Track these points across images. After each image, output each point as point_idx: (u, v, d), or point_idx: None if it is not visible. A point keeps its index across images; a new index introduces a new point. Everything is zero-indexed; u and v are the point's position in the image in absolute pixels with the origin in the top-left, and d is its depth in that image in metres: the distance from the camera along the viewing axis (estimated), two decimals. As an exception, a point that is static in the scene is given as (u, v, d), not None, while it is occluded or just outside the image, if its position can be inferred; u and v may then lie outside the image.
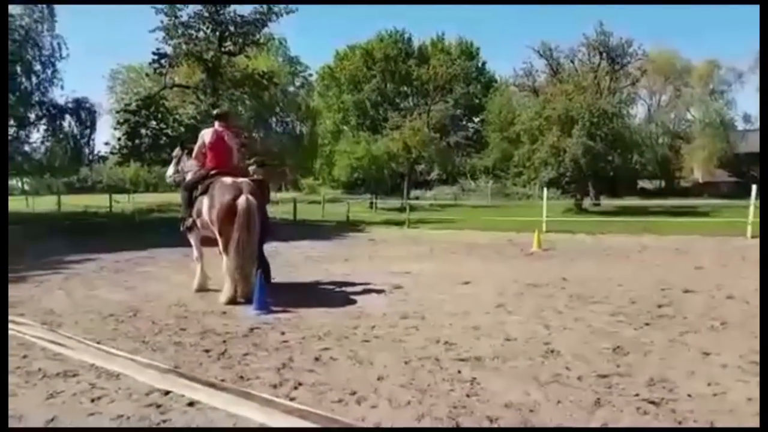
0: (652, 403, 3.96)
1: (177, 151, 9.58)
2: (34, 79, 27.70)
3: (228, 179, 7.70)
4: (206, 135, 8.43)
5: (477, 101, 50.37)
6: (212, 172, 8.05)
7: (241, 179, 7.79)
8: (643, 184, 47.92)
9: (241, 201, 7.26)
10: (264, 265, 8.62)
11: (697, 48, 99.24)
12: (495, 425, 3.66)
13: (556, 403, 3.97)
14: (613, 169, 31.40)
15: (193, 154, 8.75)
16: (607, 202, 33.88)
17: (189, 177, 8.63)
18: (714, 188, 42.99)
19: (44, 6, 27.11)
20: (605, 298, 7.74)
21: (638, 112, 48.07)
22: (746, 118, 49.99)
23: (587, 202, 32.15)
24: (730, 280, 9.08)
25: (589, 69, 35.50)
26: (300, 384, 4.37)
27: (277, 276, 9.02)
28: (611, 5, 54.70)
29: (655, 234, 17.93)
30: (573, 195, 32.04)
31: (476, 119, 51.98)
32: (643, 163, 36.94)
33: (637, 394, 4.12)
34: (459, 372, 4.65)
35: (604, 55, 35.26)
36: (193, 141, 8.93)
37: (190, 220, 8.30)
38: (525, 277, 9.58)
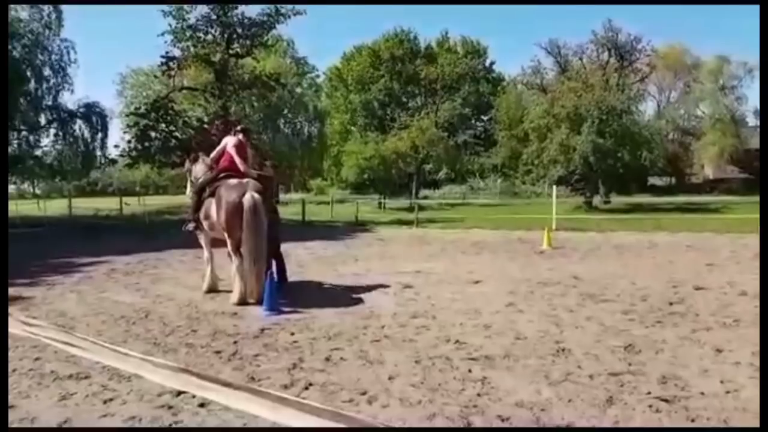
0: (665, 401, 3.93)
1: (187, 165, 9.60)
2: (44, 84, 27.90)
3: (233, 180, 7.74)
4: (230, 141, 8.51)
5: (485, 100, 50.30)
6: (221, 174, 8.06)
7: (246, 179, 7.80)
8: (653, 180, 47.67)
9: (247, 198, 7.28)
10: (279, 263, 8.67)
11: (706, 43, 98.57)
12: (506, 424, 3.65)
13: (567, 402, 3.95)
14: (623, 166, 31.27)
15: (211, 157, 8.75)
16: (616, 200, 33.76)
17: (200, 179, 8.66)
18: (725, 184, 42.73)
19: (52, 10, 27.28)
20: (616, 296, 7.70)
21: (647, 108, 47.93)
22: (758, 114, 49.55)
23: (597, 200, 32.05)
24: (742, 277, 9.01)
25: (597, 66, 35.40)
26: (311, 384, 4.37)
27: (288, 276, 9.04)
28: (619, 5, 54.46)
29: (666, 231, 17.84)
30: (582, 193, 31.92)
31: (484, 118, 51.95)
32: (653, 159, 36.72)
33: (649, 392, 4.09)
34: (470, 371, 4.64)
35: (613, 51, 35.16)
36: (200, 145, 8.96)
37: (192, 224, 8.41)
38: (535, 276, 9.55)
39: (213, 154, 8.75)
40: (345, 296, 8.03)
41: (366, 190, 42.60)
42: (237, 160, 8.26)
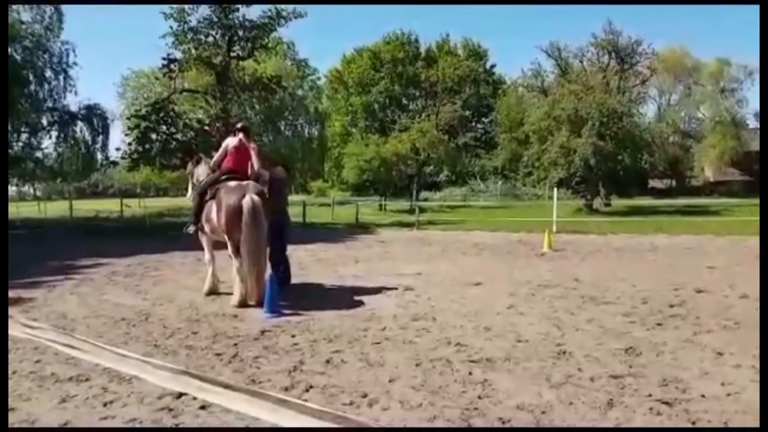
0: (666, 403, 3.93)
1: (189, 167, 9.62)
2: (46, 86, 27.96)
3: (233, 183, 7.73)
4: (231, 142, 8.51)
5: (486, 102, 50.31)
6: (223, 176, 8.06)
7: (246, 181, 7.79)
8: (653, 183, 47.64)
9: (246, 201, 7.28)
10: (285, 265, 8.67)
11: (707, 46, 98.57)
12: (507, 426, 3.65)
13: (568, 404, 3.94)
14: (623, 169, 31.25)
15: (214, 161, 8.73)
16: (617, 202, 33.71)
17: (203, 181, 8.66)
18: (725, 187, 42.70)
19: (53, 12, 27.33)
20: (617, 299, 7.69)
21: (648, 111, 47.87)
22: (758, 116, 49.50)
23: (597, 202, 32.00)
24: (743, 279, 8.99)
25: (597, 69, 35.42)
26: (311, 386, 4.37)
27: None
28: (619, 5, 54.46)
29: (667, 233, 17.83)
30: (583, 195, 31.88)
31: (485, 120, 51.93)
32: (654, 162, 36.70)
33: (650, 395, 4.09)
34: (470, 373, 4.63)
35: (613, 54, 35.16)
36: (202, 146, 8.96)
37: (192, 227, 8.46)
38: (536, 278, 9.54)
39: (215, 158, 8.74)
40: (345, 298, 8.02)
41: (366, 191, 42.57)
42: (254, 160, 8.32)
